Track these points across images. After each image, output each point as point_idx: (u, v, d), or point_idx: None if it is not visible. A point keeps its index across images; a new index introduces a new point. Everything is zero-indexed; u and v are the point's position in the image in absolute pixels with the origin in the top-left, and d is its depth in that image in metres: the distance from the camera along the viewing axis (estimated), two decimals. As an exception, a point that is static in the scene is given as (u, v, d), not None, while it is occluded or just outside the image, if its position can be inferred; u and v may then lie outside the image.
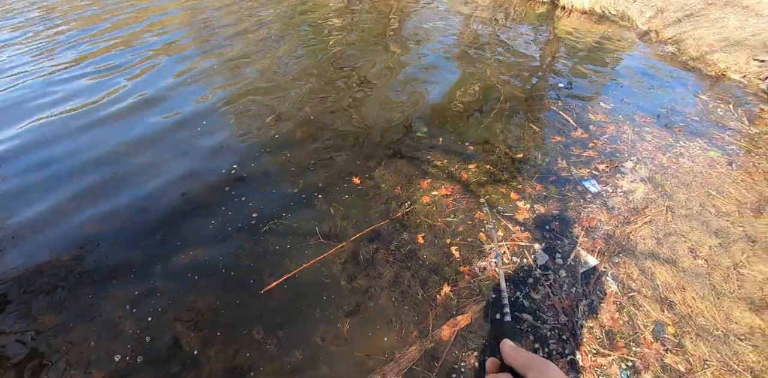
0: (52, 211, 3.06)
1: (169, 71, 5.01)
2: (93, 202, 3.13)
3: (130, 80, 4.79)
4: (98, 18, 7.07)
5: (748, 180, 3.25)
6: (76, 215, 3.02)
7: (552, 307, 2.42)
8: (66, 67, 5.15)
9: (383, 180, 3.29)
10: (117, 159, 3.57)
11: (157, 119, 4.09)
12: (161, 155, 3.59)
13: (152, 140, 3.78)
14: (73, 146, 3.74)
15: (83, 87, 4.69)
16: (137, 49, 5.67)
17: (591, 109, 4.24)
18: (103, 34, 6.26)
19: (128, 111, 4.24)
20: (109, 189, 3.25)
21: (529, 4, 7.98)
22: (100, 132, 3.92)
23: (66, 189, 3.27)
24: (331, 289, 2.49)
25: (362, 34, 6.22)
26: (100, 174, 3.41)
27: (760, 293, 2.45)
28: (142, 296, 2.44)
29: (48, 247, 2.78)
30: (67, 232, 2.89)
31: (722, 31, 5.65)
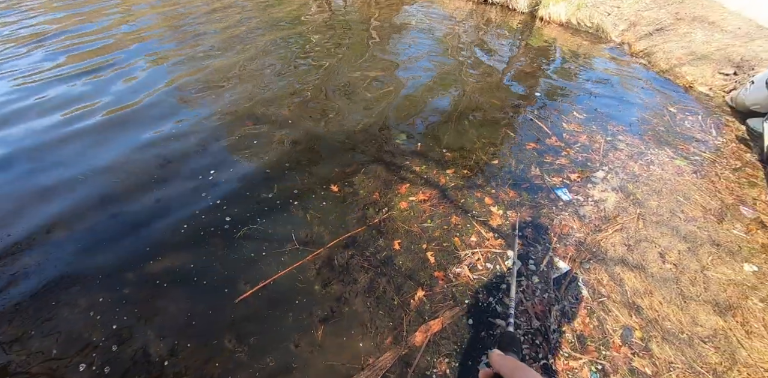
0: (15, 213, 2.96)
1: (149, 75, 4.93)
2: (59, 204, 3.04)
3: (107, 83, 4.69)
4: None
5: (712, 188, 3.37)
6: (40, 217, 2.92)
7: (525, 313, 2.45)
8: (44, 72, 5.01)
9: (361, 186, 3.29)
10: (86, 160, 3.48)
11: (129, 124, 4.01)
12: (134, 158, 3.51)
13: (123, 143, 3.70)
14: (41, 145, 3.63)
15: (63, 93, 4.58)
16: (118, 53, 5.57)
17: (565, 118, 4.35)
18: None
19: (98, 111, 4.15)
20: (78, 191, 3.16)
21: (508, 16, 8.15)
22: (71, 132, 3.82)
23: (30, 188, 3.17)
24: (305, 295, 2.47)
25: (345, 42, 6.25)
26: (68, 174, 3.31)
27: (724, 294, 2.53)
28: (108, 303, 2.37)
29: (7, 251, 2.67)
30: (30, 235, 2.78)
31: (690, 45, 5.88)
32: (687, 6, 7.08)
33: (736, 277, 2.64)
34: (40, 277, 2.53)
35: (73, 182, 3.27)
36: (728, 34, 5.91)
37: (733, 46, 5.57)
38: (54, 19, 6.71)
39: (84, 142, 3.75)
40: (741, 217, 3.11)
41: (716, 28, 6.17)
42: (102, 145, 3.70)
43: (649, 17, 6.96)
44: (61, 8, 6.98)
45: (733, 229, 2.99)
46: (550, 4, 7.80)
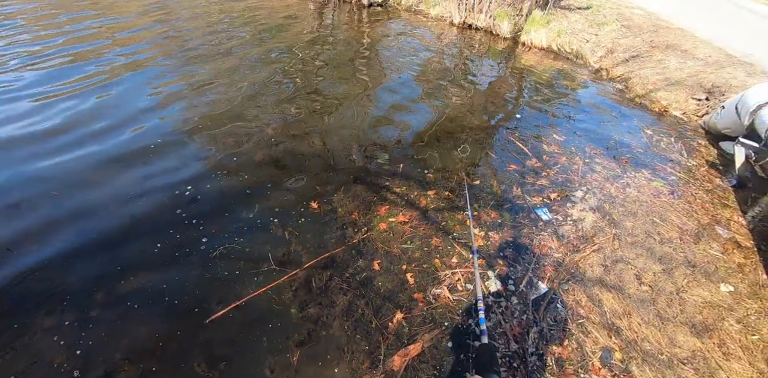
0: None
1: (133, 91, 4.92)
2: (27, 221, 2.97)
3: (88, 98, 4.67)
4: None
5: (688, 208, 3.44)
6: (6, 233, 2.85)
7: (503, 335, 2.43)
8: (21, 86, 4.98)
9: (341, 205, 3.29)
10: (58, 175, 3.43)
11: (108, 137, 3.99)
12: (110, 174, 3.47)
13: (101, 159, 3.66)
14: (15, 160, 3.59)
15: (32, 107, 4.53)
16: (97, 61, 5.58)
17: (545, 140, 4.44)
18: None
19: (75, 127, 4.13)
20: (48, 207, 3.10)
21: (492, 40, 8.42)
22: (43, 150, 3.77)
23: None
24: (281, 317, 2.41)
25: (331, 63, 6.36)
26: (38, 189, 3.26)
27: (700, 317, 2.54)
28: (73, 327, 2.28)
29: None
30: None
31: (664, 72, 6.12)
32: (661, 35, 7.41)
33: (712, 298, 2.66)
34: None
35: (44, 198, 3.21)
36: (700, 62, 6.18)
37: (704, 73, 5.81)
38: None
39: (58, 157, 3.70)
40: (717, 236, 3.16)
41: (688, 56, 6.45)
42: (77, 160, 3.65)
43: (626, 44, 7.26)
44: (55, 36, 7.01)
45: (709, 249, 3.04)
46: (532, 31, 8.10)
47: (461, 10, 8.90)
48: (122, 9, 8.52)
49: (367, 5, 10.21)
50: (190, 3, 9.30)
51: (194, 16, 8.27)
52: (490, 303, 2.60)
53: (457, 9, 8.90)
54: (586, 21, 8.20)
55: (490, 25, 8.73)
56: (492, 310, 2.56)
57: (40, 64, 5.47)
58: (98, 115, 4.37)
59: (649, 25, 7.82)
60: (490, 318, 2.52)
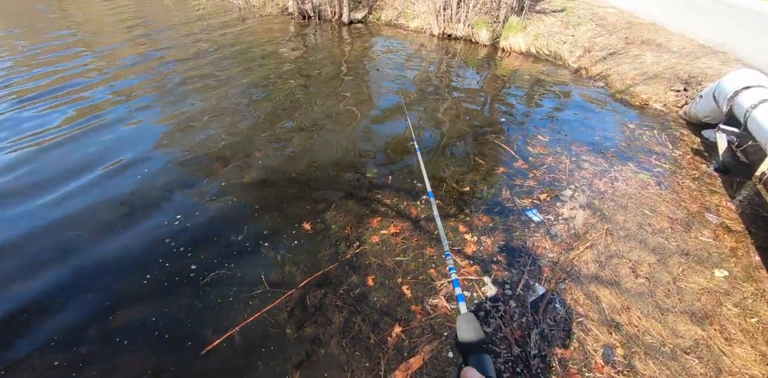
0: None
1: (117, 121, 4.98)
2: (15, 259, 2.97)
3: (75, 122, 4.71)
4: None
5: (676, 198, 3.46)
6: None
7: (504, 340, 2.41)
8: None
9: (333, 221, 3.30)
10: (47, 211, 3.45)
11: (94, 165, 4.03)
12: (97, 207, 3.49)
13: (88, 194, 3.68)
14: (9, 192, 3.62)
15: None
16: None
17: (530, 142, 4.49)
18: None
19: (64, 156, 4.18)
20: (37, 244, 3.10)
21: (472, 49, 8.57)
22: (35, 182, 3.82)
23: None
24: (278, 340, 2.39)
25: (315, 82, 6.45)
26: (28, 224, 3.27)
27: (699, 304, 2.53)
28: (62, 366, 2.25)
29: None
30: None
31: (641, 66, 6.23)
32: (635, 31, 7.56)
33: (708, 284, 2.66)
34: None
35: (31, 236, 3.22)
36: (675, 54, 6.29)
37: (680, 65, 5.91)
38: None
39: (47, 194, 3.74)
40: (707, 223, 3.17)
41: (663, 50, 6.57)
42: (63, 198, 3.68)
43: (602, 43, 7.39)
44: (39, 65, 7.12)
45: (700, 236, 3.05)
46: (510, 36, 8.27)
47: (440, 21, 9.09)
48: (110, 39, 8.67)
49: (348, 23, 10.42)
50: (175, 33, 9.46)
51: (180, 45, 8.41)
52: (489, 308, 2.59)
53: (436, 20, 9.09)
54: (561, 23, 8.38)
55: (469, 34, 8.91)
56: (491, 315, 2.55)
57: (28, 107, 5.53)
58: (80, 148, 4.42)
59: (623, 23, 7.98)
60: (489, 323, 2.50)
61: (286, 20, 10.95)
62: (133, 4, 13.96)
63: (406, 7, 10.35)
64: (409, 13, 10.15)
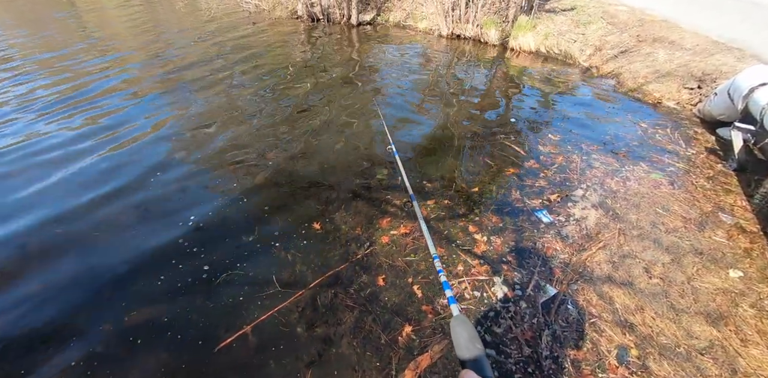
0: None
1: (132, 123, 5.07)
2: (31, 258, 3.04)
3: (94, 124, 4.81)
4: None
5: (690, 197, 3.41)
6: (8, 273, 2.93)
7: (515, 340, 2.40)
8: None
9: (343, 222, 3.31)
10: (61, 214, 3.53)
11: (110, 169, 4.12)
12: (113, 207, 3.56)
13: (100, 191, 3.77)
14: (22, 196, 3.71)
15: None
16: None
17: (541, 141, 4.46)
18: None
19: (77, 157, 4.27)
20: (56, 244, 3.17)
21: (481, 49, 8.54)
22: (47, 183, 3.92)
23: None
24: (289, 339, 2.41)
25: (325, 84, 6.49)
26: (42, 227, 3.35)
27: (714, 304, 2.50)
28: (79, 365, 2.29)
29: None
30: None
31: (654, 64, 6.15)
32: (647, 28, 7.46)
33: (723, 284, 2.61)
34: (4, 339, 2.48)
35: (48, 235, 3.29)
36: (688, 52, 6.20)
37: (694, 62, 5.82)
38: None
39: (65, 190, 3.84)
40: (721, 223, 3.12)
41: (676, 47, 6.48)
42: (76, 193, 3.78)
43: (613, 41, 7.32)
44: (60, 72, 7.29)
45: (714, 236, 3.00)
46: (519, 36, 8.22)
47: (448, 22, 9.08)
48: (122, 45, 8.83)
49: (356, 25, 10.46)
50: (187, 37, 9.61)
51: (191, 48, 8.54)
52: (499, 308, 2.58)
53: (444, 21, 9.08)
54: (571, 22, 8.30)
55: (478, 34, 8.88)
56: (501, 316, 2.54)
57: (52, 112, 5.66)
58: (91, 143, 4.52)
59: (635, 21, 7.88)
60: (500, 324, 2.50)
61: (296, 23, 11.03)
62: (146, 10, 14.19)
63: (415, 9, 10.36)
64: (417, 15, 10.15)
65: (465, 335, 1.03)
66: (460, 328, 1.06)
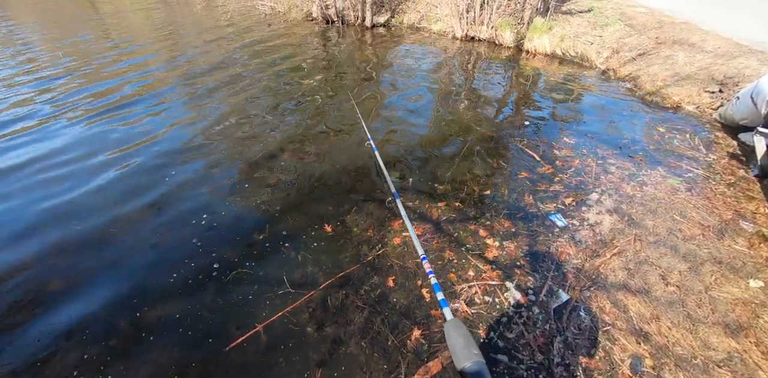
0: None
1: (149, 121, 5.15)
2: (48, 252, 3.13)
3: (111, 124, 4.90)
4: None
5: (708, 204, 3.32)
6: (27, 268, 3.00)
7: (527, 346, 2.37)
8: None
9: (354, 224, 3.31)
10: (80, 209, 3.61)
11: (120, 167, 4.21)
12: (130, 207, 3.62)
13: (118, 191, 3.84)
14: (47, 195, 3.80)
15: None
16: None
17: (556, 145, 4.40)
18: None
19: (92, 155, 4.35)
20: (78, 244, 3.23)
21: (495, 51, 8.49)
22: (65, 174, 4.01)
23: (17, 232, 3.31)
24: (299, 338, 2.41)
25: (340, 85, 6.52)
26: (61, 223, 3.44)
27: (733, 315, 2.42)
28: (92, 359, 2.33)
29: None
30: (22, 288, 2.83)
31: (673, 67, 6.02)
32: (666, 30, 7.32)
33: (742, 294, 2.54)
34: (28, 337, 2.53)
35: (67, 231, 3.36)
36: (709, 54, 6.06)
37: (715, 65, 5.69)
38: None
39: (77, 185, 3.92)
40: (742, 231, 3.03)
41: (697, 49, 6.34)
42: (91, 189, 3.87)
43: (631, 43, 7.20)
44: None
45: (734, 244, 2.92)
46: (535, 38, 8.15)
47: (463, 24, 9.04)
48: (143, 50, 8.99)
49: (371, 27, 10.49)
50: (205, 39, 9.74)
51: (208, 50, 8.65)
52: (511, 314, 2.55)
53: (459, 23, 9.05)
54: (588, 24, 8.20)
55: (493, 36, 8.83)
56: (513, 321, 2.51)
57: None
58: (112, 142, 4.61)
59: (654, 22, 7.74)
60: (512, 329, 2.46)
61: (310, 25, 11.11)
62: (165, 12, 14.45)
63: (429, 11, 10.34)
64: (431, 16, 10.14)
65: (461, 341, 0.98)
66: (454, 333, 1.01)
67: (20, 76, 7.48)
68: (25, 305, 2.70)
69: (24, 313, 2.65)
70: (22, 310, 2.67)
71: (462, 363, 0.91)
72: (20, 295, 2.78)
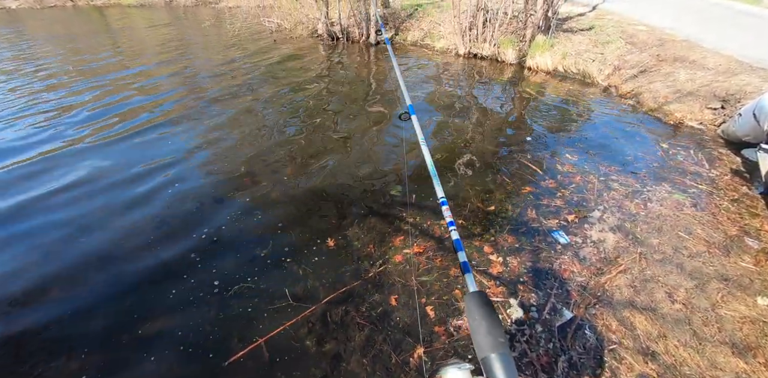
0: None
1: (154, 140, 5.22)
2: (48, 266, 3.15)
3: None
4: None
5: (713, 220, 3.30)
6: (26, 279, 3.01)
7: (530, 365, 2.33)
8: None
9: (356, 238, 3.31)
10: (77, 221, 3.64)
11: (125, 179, 4.26)
12: (129, 220, 3.65)
13: (120, 202, 3.87)
14: (51, 205, 3.84)
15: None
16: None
17: (558, 161, 4.41)
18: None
19: (94, 162, 4.39)
20: (68, 253, 3.27)
21: (498, 68, 8.60)
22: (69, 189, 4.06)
23: (28, 245, 3.35)
24: (300, 354, 2.39)
25: (343, 101, 6.61)
26: (59, 234, 3.50)
27: (740, 334, 2.38)
28: (92, 373, 2.32)
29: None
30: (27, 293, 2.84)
31: (675, 84, 6.07)
32: (667, 48, 7.41)
33: (750, 312, 2.50)
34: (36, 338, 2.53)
35: (64, 243, 3.39)
36: (710, 71, 6.12)
37: (717, 82, 5.74)
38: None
39: (83, 198, 3.97)
40: (748, 248, 3.01)
41: (698, 67, 6.40)
42: (93, 201, 3.91)
43: (632, 60, 7.28)
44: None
45: (740, 261, 2.89)
46: (537, 55, 8.25)
47: (465, 41, 9.19)
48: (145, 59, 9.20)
49: (375, 44, 10.68)
50: (211, 53, 9.96)
51: (214, 64, 8.83)
52: (514, 331, 2.52)
53: (461, 40, 9.20)
54: (590, 41, 8.31)
55: (495, 53, 8.95)
56: (516, 339, 2.47)
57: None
58: (120, 162, 4.67)
59: (654, 40, 7.84)
60: (515, 347, 2.43)
61: (316, 42, 11.33)
62: (175, 30, 14.81)
63: (432, 28, 10.53)
64: (434, 34, 10.32)
65: (485, 325, 0.75)
66: (478, 312, 0.78)
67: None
68: (22, 314, 2.71)
69: (21, 321, 2.66)
70: (20, 318, 2.68)
71: (485, 352, 0.72)
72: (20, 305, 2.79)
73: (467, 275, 0.91)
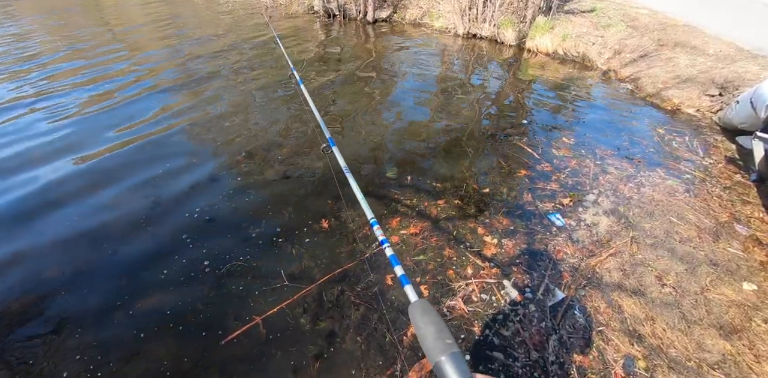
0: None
1: (142, 110, 5.14)
2: (43, 242, 3.12)
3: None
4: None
5: (705, 206, 3.35)
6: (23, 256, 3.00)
7: (523, 344, 2.38)
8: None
9: (351, 220, 3.31)
10: (76, 201, 3.60)
11: (116, 158, 4.20)
12: (122, 198, 3.61)
13: (114, 182, 3.83)
14: (43, 186, 3.78)
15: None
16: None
17: (554, 144, 4.41)
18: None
19: (90, 144, 4.31)
20: (63, 231, 3.24)
21: (497, 49, 8.46)
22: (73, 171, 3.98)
23: (23, 227, 3.29)
24: (296, 333, 2.42)
25: (339, 78, 6.49)
26: (56, 214, 3.45)
27: (727, 317, 2.45)
28: (88, 350, 2.33)
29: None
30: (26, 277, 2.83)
31: (674, 70, 6.04)
32: (668, 33, 7.34)
33: (737, 297, 2.56)
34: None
35: (59, 222, 3.35)
36: (711, 58, 6.08)
37: (716, 69, 5.71)
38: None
39: (77, 178, 3.92)
40: (737, 234, 3.06)
41: (699, 52, 6.36)
42: (88, 180, 3.88)
43: (633, 45, 7.20)
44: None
45: (729, 247, 2.94)
46: (537, 37, 8.12)
47: (465, 21, 9.00)
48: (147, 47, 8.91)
49: (372, 21, 10.43)
50: (204, 31, 9.67)
51: (207, 41, 8.59)
52: (508, 312, 2.57)
53: (461, 20, 9.01)
54: (590, 24, 8.19)
55: (495, 34, 8.80)
56: (510, 319, 2.52)
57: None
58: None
59: (656, 24, 7.75)
60: (508, 327, 2.48)
61: (312, 19, 11.03)
62: (165, 4, 14.31)
63: (431, 7, 10.29)
64: (433, 13, 10.09)
65: (431, 330, 0.77)
66: (422, 319, 0.80)
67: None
68: (19, 297, 2.70)
69: (17, 301, 2.65)
70: (20, 299, 2.67)
71: (436, 356, 0.72)
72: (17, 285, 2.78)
73: (407, 287, 0.92)
